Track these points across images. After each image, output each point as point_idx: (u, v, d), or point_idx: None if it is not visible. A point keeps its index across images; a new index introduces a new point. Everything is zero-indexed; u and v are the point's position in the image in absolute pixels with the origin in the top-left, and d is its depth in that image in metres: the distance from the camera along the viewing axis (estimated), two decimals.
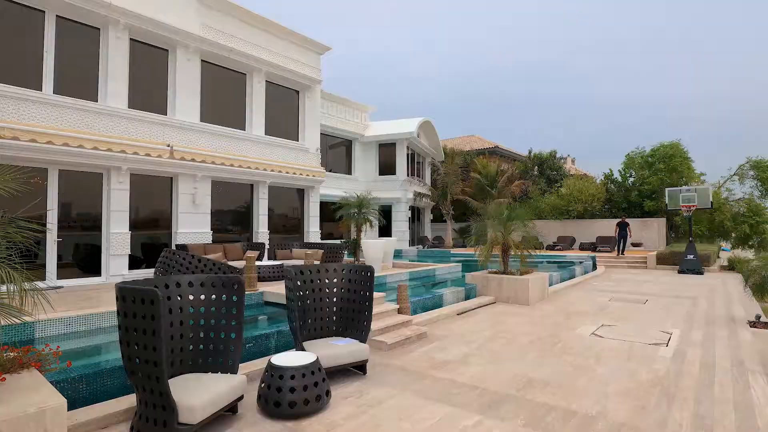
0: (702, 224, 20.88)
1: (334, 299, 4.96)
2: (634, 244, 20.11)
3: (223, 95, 13.03)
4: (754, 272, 7.69)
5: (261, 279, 9.64)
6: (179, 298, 3.79)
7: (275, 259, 12.01)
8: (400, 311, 6.73)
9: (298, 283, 4.72)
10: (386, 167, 22.92)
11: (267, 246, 13.06)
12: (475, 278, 9.86)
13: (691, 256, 15.28)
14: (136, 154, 10.33)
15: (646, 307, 8.93)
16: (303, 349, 4.39)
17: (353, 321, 4.88)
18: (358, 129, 22.22)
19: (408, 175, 22.94)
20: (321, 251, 10.94)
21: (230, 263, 10.27)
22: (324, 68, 16.05)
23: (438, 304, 8.30)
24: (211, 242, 11.88)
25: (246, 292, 7.44)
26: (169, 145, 11.07)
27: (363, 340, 4.69)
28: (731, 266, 16.83)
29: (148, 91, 11.33)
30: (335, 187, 19.06)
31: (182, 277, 3.85)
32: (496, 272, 9.94)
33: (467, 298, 9.27)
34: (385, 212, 21.85)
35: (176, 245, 10.89)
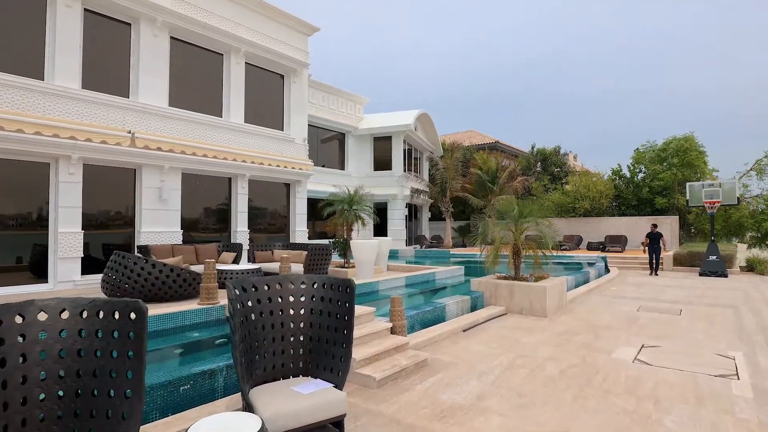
0: (716, 222, 19.60)
1: (301, 325, 3.58)
2: (644, 243, 18.75)
3: (195, 77, 11.59)
4: None
5: None
6: (44, 336, 2.41)
7: (254, 261, 10.64)
8: (393, 331, 5.37)
9: (249, 303, 3.35)
10: (382, 162, 21.53)
11: (246, 247, 11.67)
12: (481, 285, 8.50)
13: (714, 257, 13.98)
14: (89, 141, 8.93)
15: (683, 318, 7.60)
16: (247, 402, 3.01)
17: (326, 356, 3.50)
18: (351, 121, 20.81)
19: (405, 171, 21.56)
20: (304, 253, 9.57)
21: (199, 267, 8.91)
22: (313, 53, 14.67)
23: (440, 317, 6.93)
24: (181, 242, 10.49)
25: (203, 306, 6.08)
26: (130, 132, 9.66)
27: (340, 384, 3.31)
28: (750, 267, 15.61)
29: (107, 70, 9.91)
30: (326, 183, 17.68)
31: (51, 302, 2.48)
32: (506, 277, 8.59)
33: (473, 308, 7.91)
34: (381, 210, 20.51)
35: (138, 246, 9.49)
